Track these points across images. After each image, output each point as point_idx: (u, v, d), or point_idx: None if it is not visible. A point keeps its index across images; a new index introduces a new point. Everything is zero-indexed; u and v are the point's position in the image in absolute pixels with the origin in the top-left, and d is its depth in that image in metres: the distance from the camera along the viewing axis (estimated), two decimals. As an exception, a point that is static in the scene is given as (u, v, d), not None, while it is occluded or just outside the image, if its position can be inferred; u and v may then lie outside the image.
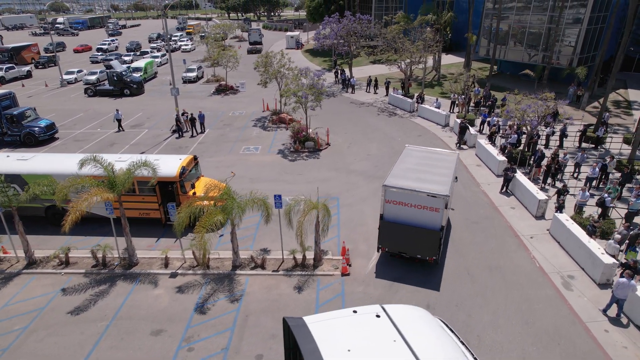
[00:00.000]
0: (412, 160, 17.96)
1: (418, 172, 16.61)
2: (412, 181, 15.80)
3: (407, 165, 17.33)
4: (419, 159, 18.13)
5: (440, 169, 17.05)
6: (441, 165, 17.45)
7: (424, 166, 17.24)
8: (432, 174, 16.50)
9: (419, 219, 15.44)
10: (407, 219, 15.62)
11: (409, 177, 16.19)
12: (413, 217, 15.51)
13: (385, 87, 42.99)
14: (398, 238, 16.05)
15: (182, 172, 18.68)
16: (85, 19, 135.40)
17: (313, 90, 27.54)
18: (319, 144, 28.95)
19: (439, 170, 16.92)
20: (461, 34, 60.78)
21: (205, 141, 31.28)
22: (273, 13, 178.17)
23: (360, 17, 45.85)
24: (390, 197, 15.68)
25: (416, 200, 15.28)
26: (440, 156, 18.63)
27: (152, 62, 55.23)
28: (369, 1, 70.97)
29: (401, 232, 15.82)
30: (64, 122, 36.73)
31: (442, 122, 33.42)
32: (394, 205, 15.69)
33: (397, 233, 15.95)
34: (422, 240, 15.63)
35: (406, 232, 15.70)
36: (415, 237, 15.65)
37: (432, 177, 16.21)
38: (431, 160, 17.93)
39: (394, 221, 15.84)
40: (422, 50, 38.80)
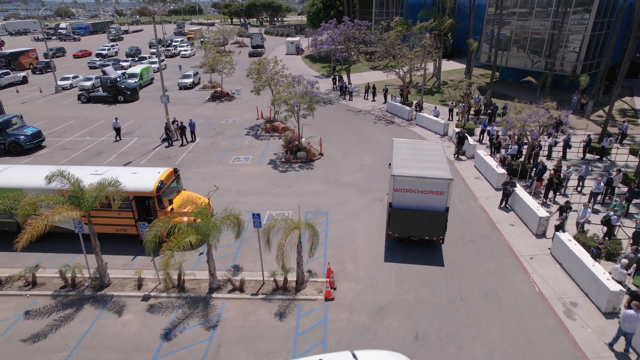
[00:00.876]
0: (406, 151, 19.17)
1: (416, 162, 17.86)
2: (416, 169, 17.01)
3: (404, 157, 18.49)
4: (411, 149, 19.54)
5: (433, 157, 18.58)
6: (432, 154, 18.98)
7: (418, 156, 18.58)
8: (429, 162, 17.93)
9: (425, 203, 16.72)
10: (415, 204, 16.80)
11: (410, 166, 17.39)
12: (420, 202, 16.74)
13: (384, 94, 41.92)
14: (407, 223, 17.18)
15: (159, 186, 17.63)
16: (88, 25, 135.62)
17: (306, 99, 26.51)
18: (312, 155, 27.87)
19: (433, 158, 18.44)
20: (463, 39, 59.74)
21: (195, 150, 30.29)
22: (276, 18, 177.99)
23: (358, 22, 44.91)
24: (399, 186, 16.73)
25: (423, 186, 16.55)
26: (427, 146, 20.74)
27: (149, 68, 54.49)
28: (369, 6, 70.13)
29: (410, 217, 16.96)
30: (54, 129, 35.90)
31: (440, 131, 32.29)
32: (402, 192, 16.80)
33: (406, 218, 17.05)
34: (430, 222, 16.95)
35: (414, 217, 16.89)
36: (423, 221, 16.93)
37: (431, 164, 17.64)
38: (422, 151, 19.47)
39: (403, 207, 16.91)
40: (421, 57, 37.72)
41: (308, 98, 26.48)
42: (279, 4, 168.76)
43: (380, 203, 21.92)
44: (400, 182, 16.71)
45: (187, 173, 26.25)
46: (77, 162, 28.45)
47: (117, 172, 18.69)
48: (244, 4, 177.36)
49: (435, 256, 17.54)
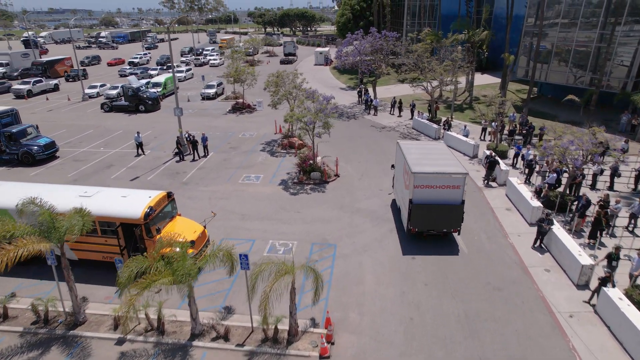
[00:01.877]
0: (416, 151, 20.10)
1: (430, 160, 18.90)
2: (432, 167, 18.06)
3: (416, 157, 19.28)
4: (419, 149, 20.65)
5: (443, 155, 19.99)
6: (440, 152, 20.43)
7: (428, 155, 19.72)
8: (440, 159, 19.18)
9: (443, 197, 17.83)
10: (433, 199, 17.83)
11: (426, 164, 18.34)
12: (438, 196, 17.80)
13: (410, 109, 39.50)
14: (426, 217, 18.12)
15: (148, 213, 16.06)
16: (127, 33, 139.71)
17: (320, 116, 24.59)
18: (326, 176, 25.86)
19: (442, 156, 19.82)
20: (498, 52, 56.51)
21: (206, 166, 28.90)
22: (309, 28, 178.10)
23: (386, 33, 42.79)
24: (419, 182, 17.67)
25: (440, 182, 17.66)
26: (433, 145, 23.06)
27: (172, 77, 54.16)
28: (401, 16, 67.87)
29: (429, 211, 17.94)
30: (71, 139, 35.57)
31: (469, 153, 29.58)
32: (422, 189, 17.76)
33: (426, 212, 17.99)
34: (447, 215, 18.11)
35: (433, 211, 17.94)
36: (441, 214, 18.05)
37: (444, 161, 18.86)
38: (429, 150, 20.74)
39: (422, 202, 17.86)
40: (451, 71, 35.14)
41: (323, 115, 24.53)
42: (312, 14, 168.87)
43: (395, 236, 19.60)
44: (420, 179, 17.65)
45: (194, 191, 24.83)
46: (86, 174, 27.63)
47: (107, 194, 17.35)
48: (277, 13, 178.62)
49: (455, 303, 15.09)
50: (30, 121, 41.50)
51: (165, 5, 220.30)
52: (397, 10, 70.41)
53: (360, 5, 69.03)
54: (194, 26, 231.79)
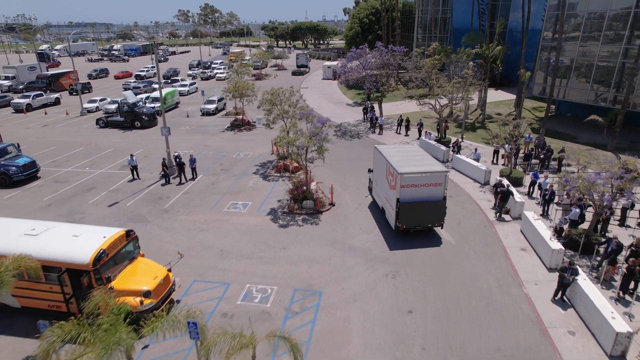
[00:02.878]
0: (396, 154, 21.24)
1: (411, 161, 20.20)
2: (416, 167, 19.34)
3: (398, 159, 20.38)
4: (399, 152, 21.89)
5: (421, 156, 21.48)
6: (418, 154, 21.98)
7: (408, 157, 21.00)
8: (421, 160, 20.64)
9: (426, 195, 19.16)
10: (418, 197, 19.10)
11: (409, 164, 19.56)
12: (422, 194, 19.11)
13: (418, 128, 36.96)
14: (413, 214, 19.30)
15: (98, 257, 13.78)
16: (139, 46, 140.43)
17: (313, 140, 22.23)
18: (319, 205, 23.38)
19: (422, 156, 21.37)
20: (513, 67, 53.85)
21: (192, 191, 26.71)
22: (321, 41, 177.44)
23: (393, 48, 40.52)
24: (405, 182, 18.84)
25: (424, 180, 18.98)
26: (410, 148, 23.87)
27: (174, 91, 52.69)
28: (411, 30, 65.71)
29: (414, 208, 19.17)
30: (58, 157, 33.84)
31: (480, 179, 26.85)
32: (407, 188, 18.96)
33: (412, 210, 19.20)
34: (431, 211, 19.45)
35: (418, 208, 19.20)
36: (425, 210, 19.34)
37: (424, 162, 20.34)
38: (408, 153, 22.09)
39: (408, 201, 19.06)
40: (461, 89, 32.55)
41: (316, 139, 22.17)
42: (324, 27, 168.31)
43: (392, 281, 16.97)
44: (406, 179, 18.84)
45: (173, 221, 22.58)
46: (63, 199, 25.65)
47: (57, 232, 15.16)
48: (289, 26, 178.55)
49: (458, 381, 12.36)
50: (23, 137, 40.25)
51: (180, 19, 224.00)
52: (408, 23, 68.34)
53: (369, 18, 67.17)
54: (208, 39, 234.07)
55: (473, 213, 22.87)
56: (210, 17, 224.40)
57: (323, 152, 22.58)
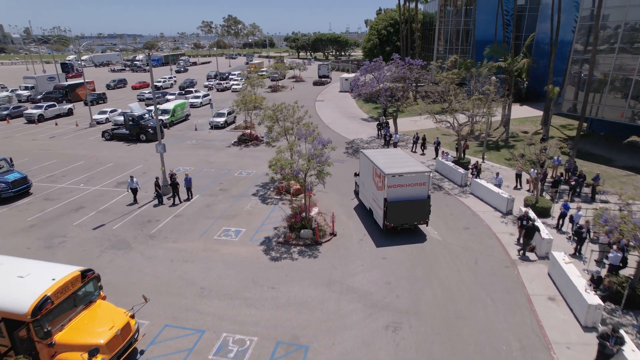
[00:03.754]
0: (382, 158, 22.21)
1: (396, 163, 21.20)
2: (401, 168, 20.36)
3: (384, 161, 21.34)
4: (384, 156, 22.85)
5: (404, 158, 22.49)
6: (402, 157, 22.99)
7: (393, 159, 21.99)
8: (405, 162, 21.71)
9: (412, 194, 20.23)
10: (404, 196, 20.11)
11: (395, 166, 20.53)
12: (408, 193, 20.15)
13: (435, 147, 34.27)
14: (399, 213, 20.18)
15: (40, 306, 11.73)
16: (161, 57, 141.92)
17: (312, 163, 19.94)
18: (318, 235, 20.98)
19: (405, 159, 22.28)
20: (540, 80, 50.61)
21: (184, 214, 24.74)
22: (342, 53, 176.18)
23: (410, 61, 38.09)
24: (391, 182, 19.80)
25: (409, 180, 20.08)
26: (394, 151, 25.23)
27: (184, 104, 51.48)
28: (431, 42, 63.14)
29: (401, 207, 20.10)
30: (56, 171, 32.58)
31: (502, 208, 23.98)
32: (394, 188, 19.92)
33: (398, 209, 20.08)
34: (417, 209, 20.49)
35: (405, 206, 20.16)
36: (411, 209, 20.35)
37: (409, 163, 21.38)
38: (393, 156, 23.07)
39: (395, 200, 20.00)
40: (482, 106, 29.80)
41: (315, 163, 19.88)
42: (345, 39, 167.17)
43: (393, 336, 14.39)
44: (392, 180, 19.86)
45: (157, 249, 20.58)
46: (48, 219, 24.07)
47: (1, 271, 13.21)
48: (310, 38, 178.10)
49: None
50: (27, 148, 39.48)
51: (203, 30, 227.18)
52: (428, 35, 65.81)
53: (387, 30, 64.99)
54: (230, 50, 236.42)
55: (492, 249, 20.07)
56: (233, 28, 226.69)
57: (323, 177, 20.25)
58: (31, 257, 19.83)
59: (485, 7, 58.20)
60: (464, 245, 20.46)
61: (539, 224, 19.75)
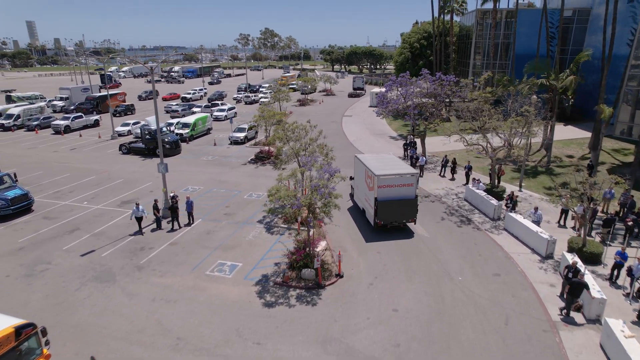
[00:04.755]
0: (374, 160, 24.62)
1: (386, 165, 23.45)
2: (391, 170, 22.58)
3: (376, 164, 23.40)
4: (377, 159, 25.20)
5: (395, 162, 24.93)
6: (392, 160, 25.49)
7: (384, 162, 24.26)
8: (395, 164, 24.03)
9: (400, 194, 22.05)
10: (393, 196, 21.97)
11: (385, 168, 22.73)
12: (396, 193, 21.99)
13: (465, 172, 30.90)
14: (389, 211, 22.07)
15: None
16: (196, 68, 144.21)
17: (315, 195, 17.36)
18: (321, 277, 18.26)
19: (395, 162, 24.71)
20: (587, 98, 46.13)
21: (181, 241, 22.66)
22: (377, 66, 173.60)
23: (441, 76, 35.00)
24: (381, 183, 21.73)
25: (398, 181, 21.99)
26: (386, 156, 27.29)
27: (206, 117, 50.30)
28: (467, 56, 59.52)
29: (390, 206, 21.95)
30: (64, 187, 31.57)
31: (541, 251, 20.44)
32: (384, 188, 21.82)
33: (388, 208, 21.97)
34: (405, 208, 22.27)
35: (394, 205, 22.00)
36: (400, 207, 22.15)
37: (398, 166, 23.73)
38: (384, 160, 25.40)
39: (385, 199, 21.89)
40: (519, 131, 26.31)
41: (319, 196, 17.28)
42: (380, 52, 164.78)
43: None
44: (382, 180, 21.67)
45: (141, 285, 18.48)
46: (39, 241, 22.63)
47: None
48: (345, 51, 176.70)
49: None
50: (45, 160, 39.14)
51: (240, 42, 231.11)
52: (464, 49, 62.22)
53: (420, 43, 61.93)
54: (266, 62, 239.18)
55: (528, 305, 16.67)
56: (269, 40, 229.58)
57: (329, 210, 17.60)
58: (7, 288, 18.34)
59: (528, 20, 54.24)
60: (493, 298, 17.17)
61: (589, 278, 16.20)
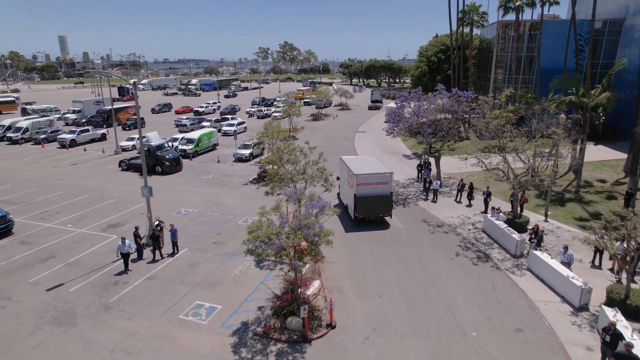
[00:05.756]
0: (355, 161, 27.75)
1: (365, 166, 26.32)
2: (368, 170, 25.41)
3: (357, 165, 26.47)
4: (358, 160, 28.62)
5: (374, 163, 27.38)
6: (372, 162, 27.95)
7: (363, 163, 27.18)
8: (373, 165, 26.80)
9: (376, 191, 24.84)
10: (370, 193, 24.76)
11: (363, 169, 25.62)
12: (373, 190, 24.78)
13: (484, 199, 27.83)
14: (366, 206, 24.96)
15: None
16: (213, 81, 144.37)
17: (298, 235, 14.76)
18: (307, 329, 15.53)
19: (375, 164, 27.33)
20: (621, 115, 42.53)
21: (159, 276, 20.29)
22: (396, 80, 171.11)
23: (457, 92, 32.17)
24: (360, 181, 24.58)
25: (374, 180, 24.80)
26: (367, 158, 29.75)
27: (212, 133, 48.48)
28: (487, 70, 56.41)
29: (367, 201, 24.84)
30: (53, 206, 29.87)
31: (573, 300, 17.22)
32: (362, 185, 24.65)
33: (366, 203, 24.86)
34: (381, 204, 25.09)
35: (371, 201, 24.86)
36: (376, 203, 25.01)
37: (376, 167, 26.42)
38: (365, 160, 28.44)
39: (363, 196, 24.72)
40: (546, 157, 23.23)
41: (302, 237, 14.66)
42: (399, 66, 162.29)
43: None
44: (360, 179, 24.55)
45: (104, 330, 16.11)
46: (8, 271, 20.65)
47: None
48: (363, 64, 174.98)
49: None
50: (42, 177, 37.82)
51: (259, 56, 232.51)
52: (484, 62, 59.14)
53: (438, 57, 59.11)
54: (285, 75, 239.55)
55: (559, 375, 13.56)
56: (288, 54, 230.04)
57: (314, 251, 14.97)
58: (-47, 330, 16.22)
59: (553, 32, 51.00)
60: (517, 348, 14.11)
61: (636, 343, 13.02)
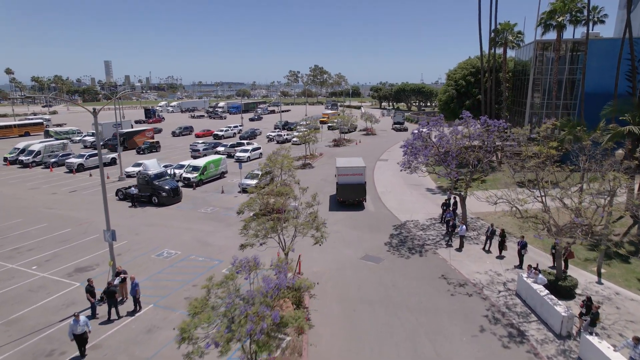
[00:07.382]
0: (344, 161, 36.68)
1: (347, 162, 35.47)
2: (347, 164, 34.65)
3: (342, 163, 35.34)
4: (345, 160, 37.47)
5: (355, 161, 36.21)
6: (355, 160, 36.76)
7: (347, 161, 36.70)
8: (353, 162, 35.70)
9: (353, 180, 33.51)
10: (348, 181, 33.56)
11: (344, 163, 34.94)
12: (351, 179, 33.53)
13: (518, 250, 22.83)
14: (345, 191, 33.87)
15: None
16: (240, 104, 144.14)
17: (238, 333, 10.63)
18: None
19: (355, 161, 36.27)
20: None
21: (105, 345, 16.54)
22: (427, 103, 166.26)
23: (487, 120, 27.61)
24: (340, 172, 33.62)
25: (351, 171, 33.48)
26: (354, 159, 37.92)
27: (219, 160, 45.37)
28: (523, 95, 51.15)
29: (346, 188, 33.70)
30: (29, 242, 27.24)
31: (648, 421, 12.49)
32: (342, 176, 33.61)
33: (345, 189, 33.76)
34: (357, 190, 33.73)
35: (349, 188, 33.66)
36: (353, 189, 33.67)
37: (354, 162, 35.46)
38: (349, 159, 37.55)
39: (343, 183, 33.62)
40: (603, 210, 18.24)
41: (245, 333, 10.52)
42: (430, 89, 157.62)
43: None
44: (340, 170, 33.60)
45: None
46: (-61, 329, 17.43)
47: None
48: (393, 88, 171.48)
49: None
50: (34, 206, 35.73)
51: (289, 79, 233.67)
52: (520, 86, 53.96)
53: (467, 80, 54.41)
54: (315, 98, 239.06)
55: None
56: (318, 77, 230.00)
57: (269, 348, 10.78)
58: None
59: (600, 51, 45.56)
60: None
61: None
